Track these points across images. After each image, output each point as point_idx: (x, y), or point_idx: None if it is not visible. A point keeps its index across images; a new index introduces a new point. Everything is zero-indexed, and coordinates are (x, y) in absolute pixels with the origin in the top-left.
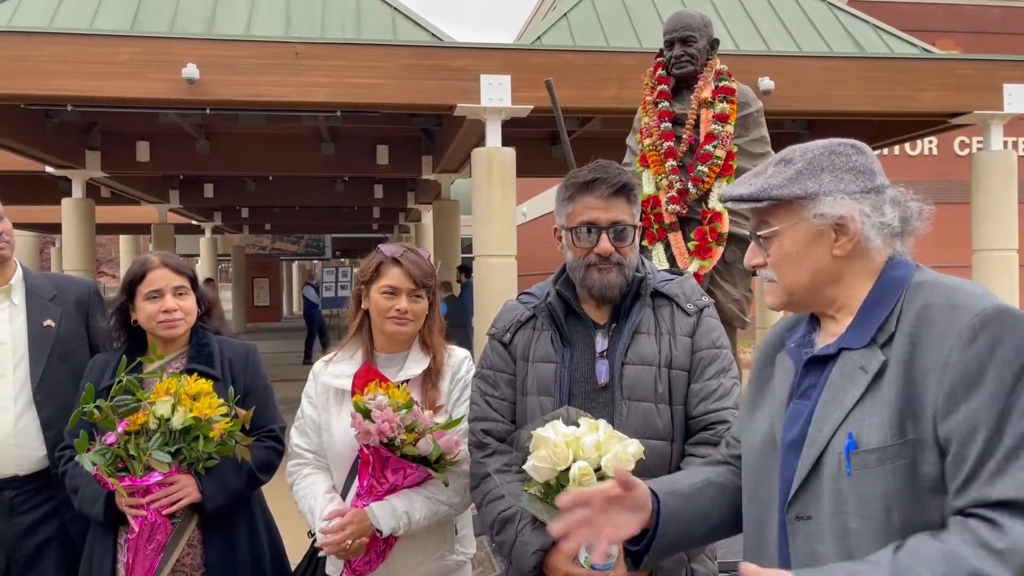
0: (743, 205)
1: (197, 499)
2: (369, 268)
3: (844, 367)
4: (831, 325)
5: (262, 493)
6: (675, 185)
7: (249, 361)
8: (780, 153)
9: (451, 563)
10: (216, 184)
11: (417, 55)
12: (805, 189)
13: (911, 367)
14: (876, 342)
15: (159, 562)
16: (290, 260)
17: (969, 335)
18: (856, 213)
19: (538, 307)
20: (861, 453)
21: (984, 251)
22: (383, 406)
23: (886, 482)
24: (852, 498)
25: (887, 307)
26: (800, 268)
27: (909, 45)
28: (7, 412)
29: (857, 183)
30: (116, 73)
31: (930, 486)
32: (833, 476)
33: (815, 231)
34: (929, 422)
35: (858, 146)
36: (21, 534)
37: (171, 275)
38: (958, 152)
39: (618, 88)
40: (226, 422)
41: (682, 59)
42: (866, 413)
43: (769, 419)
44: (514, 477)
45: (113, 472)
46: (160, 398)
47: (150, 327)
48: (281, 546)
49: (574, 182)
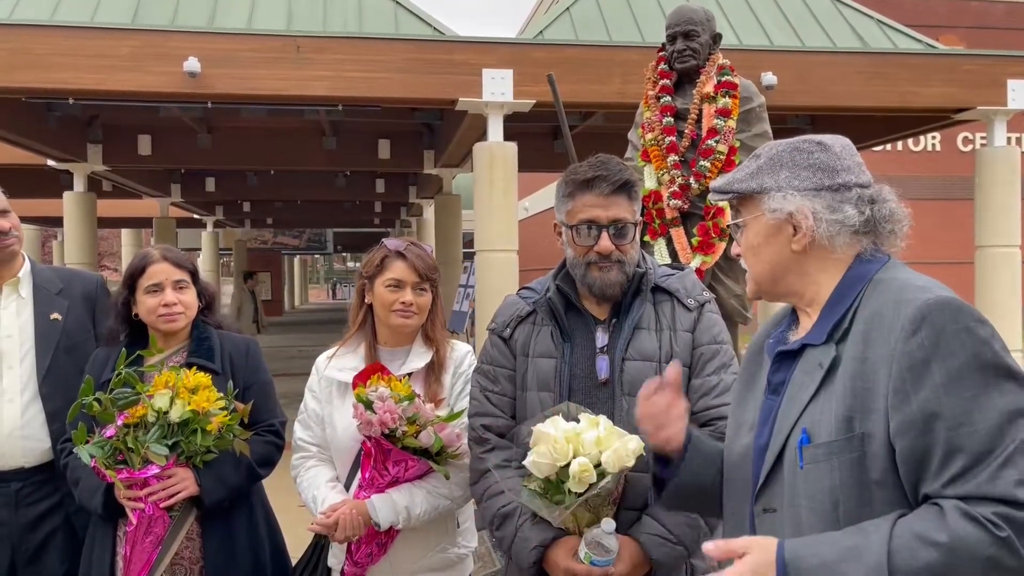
0: (715, 196)
1: (195, 492)
2: (373, 262)
3: (806, 363)
4: (805, 320)
5: (263, 488)
6: (677, 180)
7: (250, 355)
8: (757, 148)
9: (452, 556)
10: (218, 178)
11: (419, 49)
12: (761, 184)
13: (862, 363)
14: (832, 338)
15: (157, 555)
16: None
17: (911, 326)
18: (807, 210)
19: (538, 302)
20: (812, 448)
21: (987, 247)
22: (385, 398)
23: (832, 475)
24: (804, 491)
25: (845, 304)
26: (761, 260)
27: (913, 40)
28: (13, 404)
29: (813, 180)
30: (117, 66)
31: (877, 479)
32: (791, 470)
33: (774, 225)
34: (880, 416)
35: (825, 143)
36: (27, 526)
37: (171, 269)
38: (961, 148)
39: (621, 83)
40: (224, 416)
41: (684, 53)
42: (819, 409)
43: (752, 414)
44: (514, 473)
45: (111, 464)
46: (159, 391)
47: (150, 320)
48: (281, 541)
49: (574, 179)
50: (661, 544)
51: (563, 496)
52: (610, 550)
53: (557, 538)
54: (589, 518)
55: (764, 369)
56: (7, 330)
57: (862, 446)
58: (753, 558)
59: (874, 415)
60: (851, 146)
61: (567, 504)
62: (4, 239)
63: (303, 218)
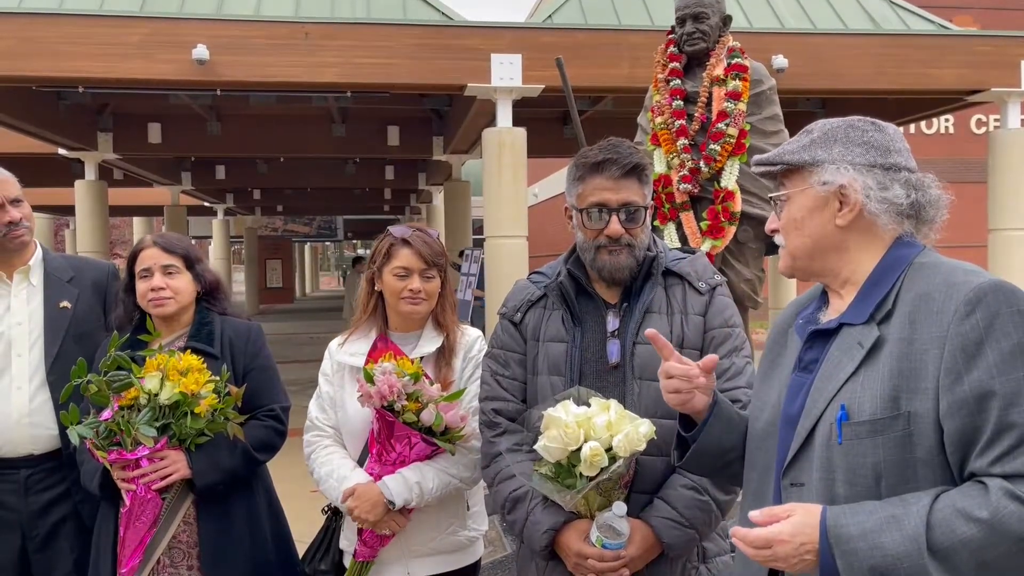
0: (762, 168)
1: (187, 475)
2: (380, 250)
3: (843, 342)
4: (836, 301)
5: (268, 474)
6: (687, 164)
7: (250, 341)
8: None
9: (463, 539)
10: (228, 166)
11: (427, 34)
12: (814, 156)
13: (909, 344)
14: (874, 319)
15: (151, 537)
16: (302, 242)
17: (966, 308)
18: (859, 184)
19: (549, 286)
20: (853, 424)
21: (1000, 230)
22: (388, 371)
23: (876, 452)
24: (841, 466)
25: (887, 285)
26: (803, 233)
27: (926, 21)
28: (22, 391)
29: (867, 156)
30: (126, 54)
31: (923, 457)
32: (824, 445)
33: (820, 198)
34: (928, 396)
35: (879, 124)
36: (37, 513)
37: (160, 254)
38: (975, 131)
39: (630, 67)
40: (213, 399)
41: (694, 36)
42: (859, 386)
43: (777, 392)
44: (525, 457)
45: (105, 446)
46: (149, 373)
47: (143, 305)
48: (285, 527)
49: (585, 162)
50: (673, 527)
51: (574, 480)
52: (621, 533)
53: (568, 522)
54: (600, 502)
55: (790, 349)
56: (17, 317)
57: (908, 425)
58: (797, 519)
59: (921, 395)
60: (900, 132)
61: (578, 488)
62: (15, 229)
63: (313, 205)
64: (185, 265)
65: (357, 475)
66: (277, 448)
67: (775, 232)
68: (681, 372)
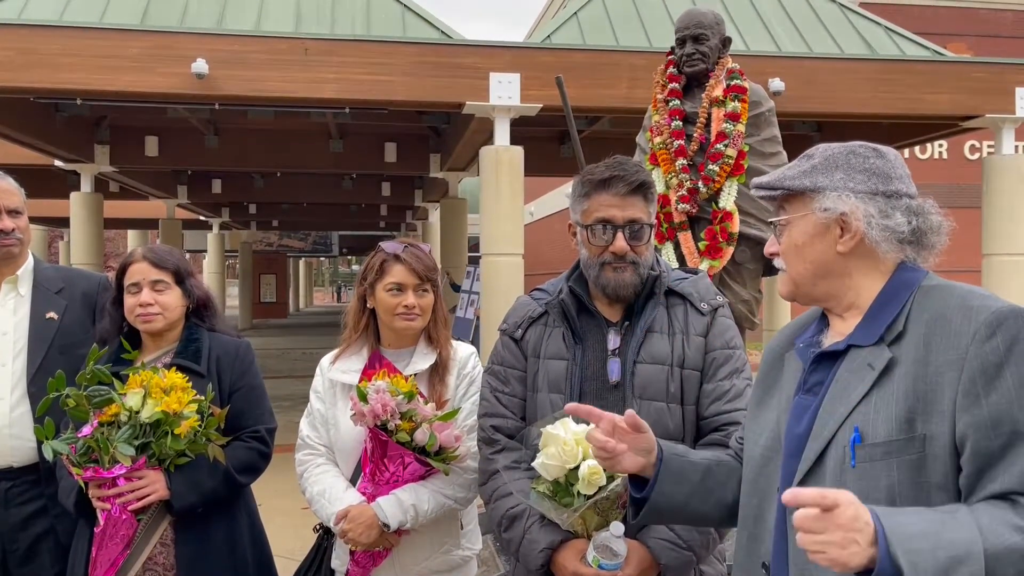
0: (763, 192)
1: (165, 496)
2: (372, 267)
3: (852, 363)
4: (839, 324)
5: (251, 497)
6: (685, 184)
7: (238, 358)
8: (809, 150)
9: (457, 558)
10: (224, 180)
11: (426, 52)
12: (815, 182)
13: (924, 366)
14: (884, 340)
15: (124, 558)
16: (297, 257)
17: (986, 331)
18: (860, 212)
19: (550, 303)
20: (867, 447)
21: (994, 255)
22: (381, 389)
23: (890, 475)
24: (855, 490)
25: (896, 307)
26: (804, 259)
27: (921, 47)
28: (3, 402)
29: (868, 184)
30: (125, 67)
31: (938, 481)
32: (837, 468)
33: (821, 224)
34: (944, 418)
35: (880, 150)
36: (17, 526)
37: (150, 269)
38: (968, 156)
39: (628, 87)
40: (195, 420)
41: (694, 57)
42: (872, 408)
43: (776, 416)
44: (523, 474)
45: (82, 463)
46: (131, 390)
47: (131, 320)
48: (268, 554)
49: (591, 179)
50: (670, 549)
51: (572, 498)
52: (618, 554)
53: (565, 541)
54: (598, 521)
55: (788, 372)
56: (2, 327)
57: (923, 447)
58: (844, 513)
59: (937, 417)
60: (901, 157)
61: (576, 506)
62: (5, 239)
63: (309, 220)
64: (175, 280)
65: (350, 495)
66: (260, 471)
67: (775, 255)
68: (600, 444)
